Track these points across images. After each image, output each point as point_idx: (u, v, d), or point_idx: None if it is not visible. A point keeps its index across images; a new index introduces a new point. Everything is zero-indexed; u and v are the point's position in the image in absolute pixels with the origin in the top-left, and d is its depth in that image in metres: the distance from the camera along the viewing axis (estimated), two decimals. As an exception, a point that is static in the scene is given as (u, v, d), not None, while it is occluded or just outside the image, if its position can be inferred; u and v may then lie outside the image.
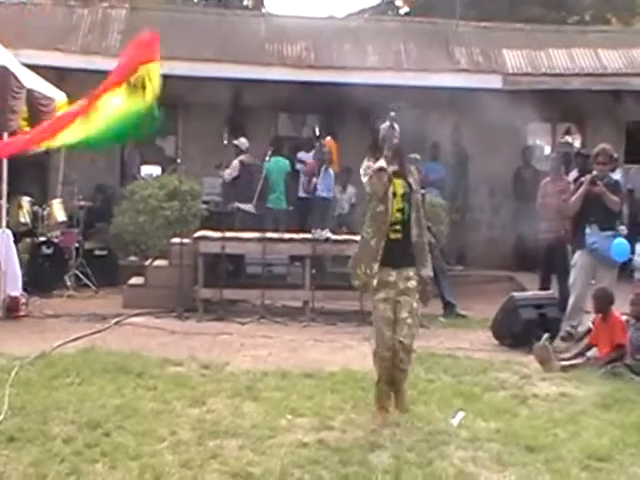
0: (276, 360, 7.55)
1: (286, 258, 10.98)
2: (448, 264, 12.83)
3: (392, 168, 5.71)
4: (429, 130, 13.58)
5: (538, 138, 15.60)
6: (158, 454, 4.85)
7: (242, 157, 12.34)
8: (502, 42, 14.67)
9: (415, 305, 5.75)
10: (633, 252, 8.70)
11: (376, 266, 5.66)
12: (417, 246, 5.76)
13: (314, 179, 12.84)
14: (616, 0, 24.27)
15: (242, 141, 12.50)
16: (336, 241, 10.45)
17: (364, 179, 5.72)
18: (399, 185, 5.76)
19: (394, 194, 5.70)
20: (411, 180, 5.83)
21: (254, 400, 6.09)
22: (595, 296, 7.94)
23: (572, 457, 5.07)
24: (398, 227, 5.71)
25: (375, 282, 5.71)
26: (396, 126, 5.79)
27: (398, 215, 5.71)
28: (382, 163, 5.63)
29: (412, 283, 5.75)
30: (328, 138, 12.89)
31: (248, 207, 12.04)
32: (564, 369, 7.40)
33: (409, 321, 5.72)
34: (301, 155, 13.51)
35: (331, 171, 12.87)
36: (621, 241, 8.63)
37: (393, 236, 5.70)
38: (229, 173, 12.34)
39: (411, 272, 5.75)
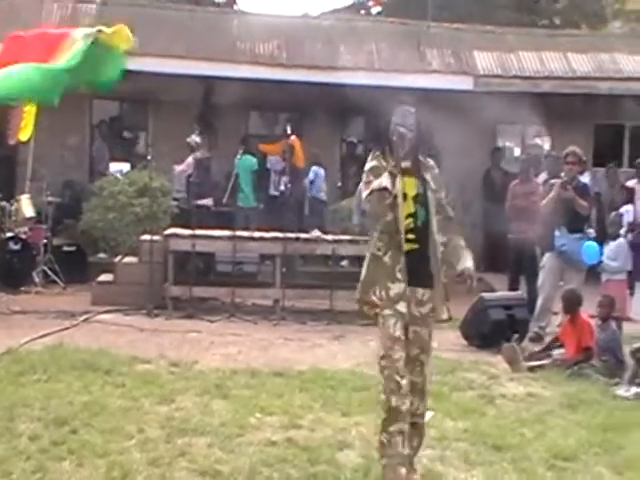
0: (246, 358, 7.54)
1: (256, 256, 10.97)
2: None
3: (404, 164, 4.60)
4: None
5: (508, 140, 15.72)
6: (126, 452, 4.82)
7: (195, 154, 12.38)
8: (473, 44, 14.75)
9: (428, 338, 4.71)
10: (601, 254, 8.79)
11: (396, 287, 4.55)
12: (444, 253, 4.73)
13: (284, 177, 12.88)
14: (585, 5, 24.52)
15: (193, 138, 12.52)
16: (307, 240, 10.48)
17: (364, 192, 4.64)
18: (410, 185, 4.63)
19: (404, 196, 4.59)
20: (428, 177, 4.71)
21: (223, 398, 6.08)
22: (564, 297, 8.02)
23: (538, 457, 5.12)
24: (411, 236, 4.60)
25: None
26: (412, 113, 4.73)
27: (409, 221, 4.60)
28: (386, 181, 4.49)
29: (426, 309, 4.65)
30: (293, 137, 12.92)
31: (206, 201, 12.06)
32: (531, 370, 7.46)
33: (422, 358, 4.69)
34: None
35: (322, 171, 12.96)
36: (592, 244, 8.73)
37: (406, 247, 4.59)
38: (183, 169, 12.39)
39: (427, 295, 4.64)
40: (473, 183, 14.20)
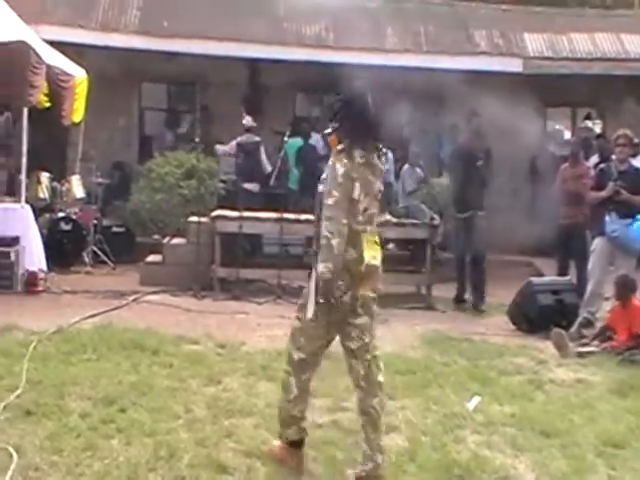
0: (289, 340, 7.53)
1: (303, 239, 10.96)
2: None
3: None
4: (447, 113, 13.55)
5: (558, 123, 15.49)
6: (173, 431, 4.85)
7: (240, 137, 12.31)
8: (523, 25, 14.56)
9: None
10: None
11: None
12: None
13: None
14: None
15: (247, 119, 12.46)
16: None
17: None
18: None
19: None
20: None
21: (269, 380, 6.08)
22: (617, 283, 7.90)
23: (587, 443, 5.05)
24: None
25: None
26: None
27: None
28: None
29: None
30: None
31: (251, 186, 12.05)
32: (581, 355, 7.37)
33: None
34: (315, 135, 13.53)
35: (390, 155, 12.91)
36: None
37: None
38: (224, 150, 12.36)
39: None
40: (523, 167, 14.03)
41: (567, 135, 15.21)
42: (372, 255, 4.47)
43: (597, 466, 4.75)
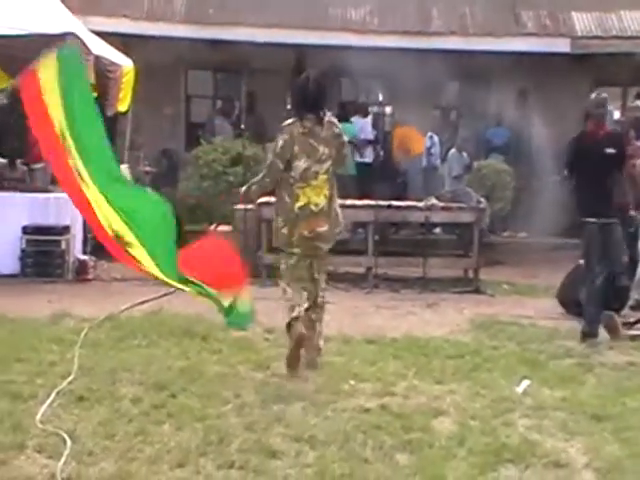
0: (338, 326, 7.53)
1: (349, 224, 10.93)
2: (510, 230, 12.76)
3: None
4: (494, 95, 13.41)
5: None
6: (223, 416, 4.90)
7: None
8: (571, 5, 14.29)
9: None
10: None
11: None
12: None
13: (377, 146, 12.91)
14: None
15: None
16: (399, 207, 10.42)
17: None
18: None
19: None
20: None
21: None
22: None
23: (641, 427, 4.98)
24: None
25: None
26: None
27: None
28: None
29: None
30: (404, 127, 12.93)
31: None
32: (633, 338, 7.27)
33: None
34: (355, 120, 13.47)
35: (436, 138, 12.91)
36: None
37: None
38: None
39: None
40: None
41: (616, 115, 14.93)
42: (306, 202, 5.82)
43: (651, 450, 4.67)
